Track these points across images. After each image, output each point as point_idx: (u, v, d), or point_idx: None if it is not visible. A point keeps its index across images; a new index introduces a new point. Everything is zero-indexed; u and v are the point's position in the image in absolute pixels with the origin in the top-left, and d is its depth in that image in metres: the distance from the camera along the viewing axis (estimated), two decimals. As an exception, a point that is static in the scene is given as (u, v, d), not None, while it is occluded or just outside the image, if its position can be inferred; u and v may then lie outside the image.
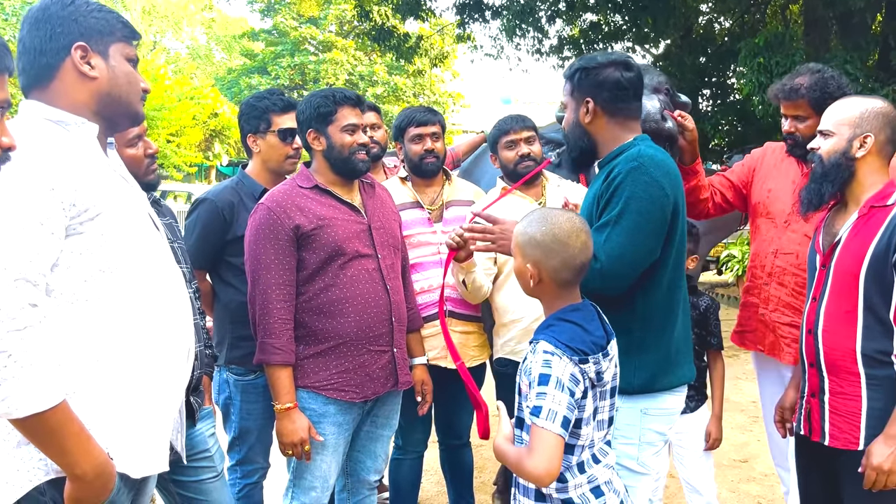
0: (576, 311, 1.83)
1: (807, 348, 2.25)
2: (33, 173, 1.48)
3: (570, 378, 1.71)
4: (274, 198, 2.48)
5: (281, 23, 31.20)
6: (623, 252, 2.01)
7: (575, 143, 2.25)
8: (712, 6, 12.53)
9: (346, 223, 2.49)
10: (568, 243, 1.81)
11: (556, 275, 1.83)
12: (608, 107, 2.16)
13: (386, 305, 2.52)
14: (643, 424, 2.08)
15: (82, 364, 1.55)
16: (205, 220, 2.79)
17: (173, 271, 1.79)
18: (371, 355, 2.50)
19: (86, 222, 1.55)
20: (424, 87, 30.89)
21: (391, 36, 11.71)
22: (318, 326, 2.44)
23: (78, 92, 1.66)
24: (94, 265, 1.56)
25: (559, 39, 12.72)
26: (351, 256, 2.46)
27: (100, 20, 1.69)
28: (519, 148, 3.03)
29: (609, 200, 2.05)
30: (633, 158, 2.05)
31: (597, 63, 2.18)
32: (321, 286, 2.44)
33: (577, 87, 2.20)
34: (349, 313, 2.45)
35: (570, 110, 2.24)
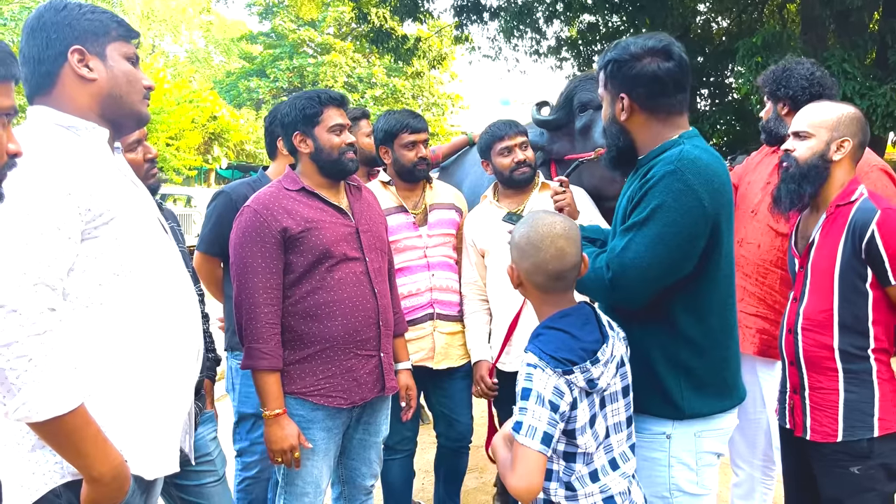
0: (565, 318, 1.80)
1: (787, 347, 2.31)
2: (50, 179, 1.50)
3: (554, 391, 1.69)
4: (260, 200, 2.44)
5: (279, 25, 31.26)
6: (639, 264, 1.83)
7: (612, 140, 2.03)
8: (710, 6, 12.56)
9: (333, 226, 2.46)
10: (540, 247, 1.78)
11: (529, 277, 1.82)
12: (646, 103, 1.93)
13: (373, 309, 2.49)
14: (699, 448, 1.93)
15: (97, 367, 1.58)
16: (220, 210, 2.97)
17: (182, 274, 1.82)
18: (358, 360, 2.46)
19: (100, 226, 1.58)
20: (423, 89, 30.94)
21: (389, 38, 11.73)
22: (304, 330, 2.40)
23: (80, 96, 1.68)
24: (108, 269, 1.59)
25: (557, 40, 12.75)
26: (338, 259, 2.43)
27: (93, 22, 1.70)
28: (514, 154, 3.00)
29: (637, 204, 1.86)
30: (671, 161, 1.84)
31: (630, 54, 1.91)
32: (308, 289, 2.40)
33: (610, 80, 1.96)
34: (336, 317, 2.41)
35: (606, 105, 2.02)
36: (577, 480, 1.78)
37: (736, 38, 10.44)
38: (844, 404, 2.14)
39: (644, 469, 1.95)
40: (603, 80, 1.99)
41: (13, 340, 1.38)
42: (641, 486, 1.93)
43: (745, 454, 3.07)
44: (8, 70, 1.20)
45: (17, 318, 1.39)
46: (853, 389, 2.14)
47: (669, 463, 1.92)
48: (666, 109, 1.94)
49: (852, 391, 2.14)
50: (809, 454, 2.24)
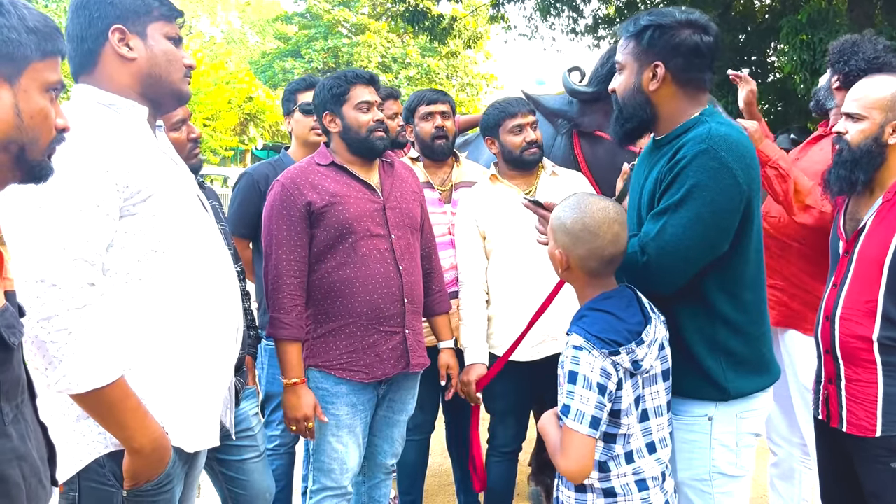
0: (608, 300, 1.81)
1: (823, 334, 2.21)
2: (89, 156, 1.52)
3: (601, 373, 1.70)
4: (289, 174, 2.49)
5: (314, 6, 31.21)
6: (677, 245, 1.79)
7: (633, 111, 1.95)
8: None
9: (358, 201, 2.48)
10: (598, 233, 1.77)
11: (582, 263, 1.81)
12: (680, 74, 1.88)
13: (397, 286, 2.50)
14: (739, 429, 1.94)
15: (137, 341, 1.60)
16: (244, 191, 3.10)
17: (222, 252, 1.83)
18: (381, 336, 2.48)
19: (138, 203, 1.59)
20: (457, 69, 30.73)
21: (425, 17, 11.66)
22: (328, 305, 2.45)
23: (120, 75, 1.69)
24: (146, 245, 1.61)
25: (594, 19, 12.55)
26: (361, 235, 2.45)
27: (136, 1, 1.70)
28: (526, 133, 2.91)
29: (669, 186, 1.83)
30: (701, 139, 1.80)
31: (674, 21, 1.86)
32: (332, 265, 2.44)
33: (646, 47, 1.88)
34: (359, 293, 2.44)
35: (629, 73, 1.94)
36: (612, 461, 1.78)
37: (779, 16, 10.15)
38: (884, 398, 2.05)
39: (683, 452, 1.94)
40: (633, 47, 1.92)
41: (53, 314, 1.41)
42: (678, 468, 1.92)
43: (784, 432, 3.00)
44: (55, 45, 1.21)
45: (58, 292, 1.42)
46: (894, 384, 2.04)
47: (711, 445, 1.90)
48: (696, 84, 1.92)
49: (893, 384, 2.04)
50: (847, 446, 2.16)
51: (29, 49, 1.16)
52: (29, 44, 1.16)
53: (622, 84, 1.98)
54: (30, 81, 1.17)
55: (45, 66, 1.20)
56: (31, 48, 1.16)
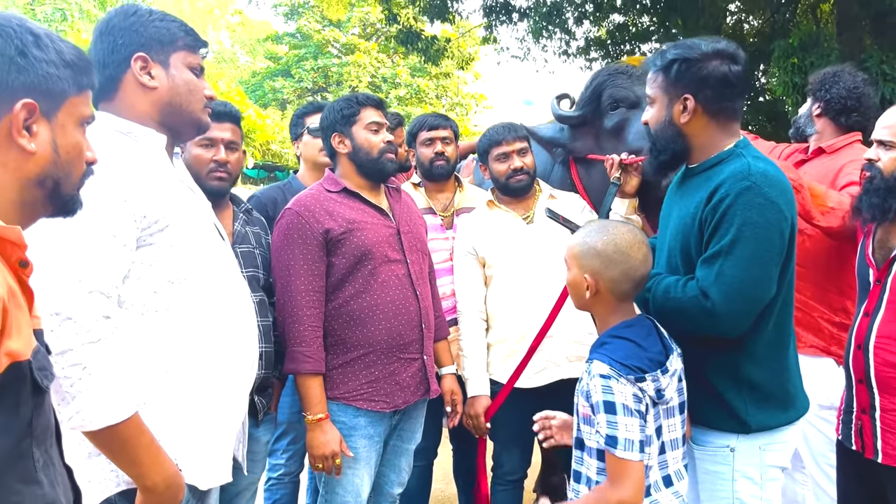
0: (629, 328, 1.79)
1: (855, 364, 2.18)
2: (106, 185, 1.49)
3: (634, 399, 1.68)
4: (302, 202, 2.44)
5: (304, 26, 31.36)
6: (742, 288, 1.77)
7: (666, 144, 1.95)
8: (741, 6, 12.39)
9: (375, 227, 2.45)
10: (629, 254, 1.78)
11: (614, 286, 1.79)
12: (711, 106, 1.88)
13: (416, 312, 2.47)
14: (763, 462, 1.90)
15: (152, 375, 1.56)
16: None
17: (238, 281, 1.80)
18: (401, 363, 2.45)
19: (156, 233, 1.56)
20: (447, 89, 30.90)
21: (419, 38, 11.72)
22: (347, 335, 2.39)
23: (140, 103, 1.68)
24: (163, 276, 1.57)
25: (586, 41, 12.65)
26: (380, 261, 2.42)
27: (160, 29, 1.69)
28: (511, 161, 2.89)
29: (717, 227, 1.80)
30: (742, 176, 1.79)
31: (701, 53, 1.87)
32: (351, 293, 2.39)
33: (674, 80, 1.89)
34: (379, 320, 2.40)
35: (660, 106, 1.94)
36: None
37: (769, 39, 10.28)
38: None
39: (706, 483, 1.91)
40: (662, 81, 1.93)
41: (68, 348, 1.37)
42: (702, 499, 1.90)
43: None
44: (90, 79, 1.19)
45: (72, 325, 1.38)
46: None
47: (733, 477, 1.88)
48: (728, 114, 1.92)
49: None
50: (881, 477, 2.12)
51: (66, 83, 1.15)
52: (66, 78, 1.14)
53: (653, 117, 1.98)
54: (66, 116, 1.16)
55: (80, 101, 1.18)
56: (69, 82, 1.15)
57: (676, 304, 1.83)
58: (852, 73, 3.00)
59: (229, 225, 2.42)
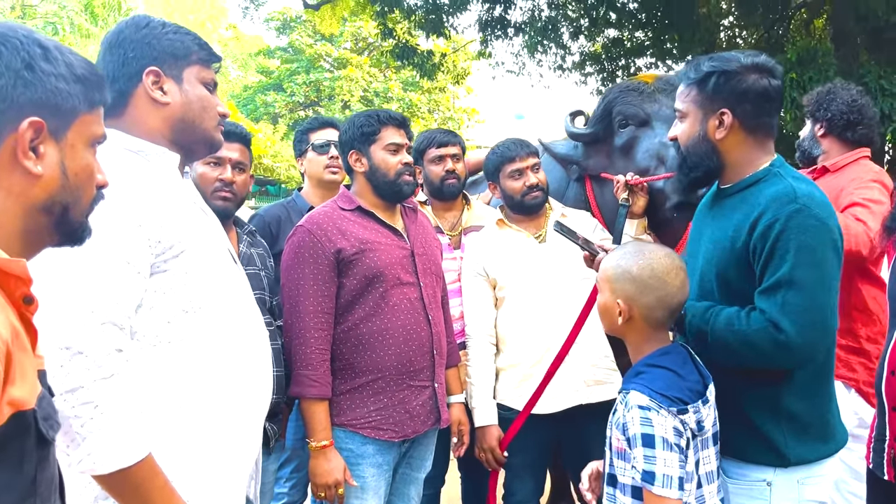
0: (666, 356, 1.70)
1: (889, 390, 2.08)
2: (119, 209, 1.40)
3: (674, 432, 1.59)
4: (314, 220, 2.35)
5: (296, 40, 31.39)
6: (813, 317, 1.68)
7: (699, 160, 1.85)
8: (734, 21, 12.44)
9: (388, 248, 2.36)
10: (666, 280, 1.69)
11: (649, 313, 1.71)
12: (749, 121, 1.79)
13: (427, 337, 2.38)
14: (802, 496, 1.81)
15: (165, 412, 1.46)
16: None
17: (252, 309, 1.70)
18: (412, 391, 2.35)
19: (170, 260, 1.47)
20: (439, 104, 30.95)
21: (414, 53, 11.70)
22: (355, 359, 2.30)
23: (151, 119, 1.58)
24: (177, 305, 1.48)
25: (581, 55, 12.66)
26: (392, 284, 2.33)
27: (174, 42, 1.60)
28: (526, 178, 2.79)
29: (771, 255, 1.70)
30: (789, 199, 1.70)
31: (740, 66, 1.78)
32: (361, 315, 2.30)
33: (711, 94, 1.80)
34: (390, 345, 2.31)
35: (693, 121, 1.85)
36: None
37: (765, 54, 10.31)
38: None
39: (741, 518, 1.82)
40: (696, 95, 1.84)
41: (79, 385, 1.28)
42: None
43: None
44: (102, 95, 1.09)
45: (84, 360, 1.28)
46: None
47: None
48: (765, 131, 1.84)
49: None
50: None
51: (77, 100, 1.04)
52: (77, 94, 1.04)
53: (685, 132, 1.89)
54: (76, 135, 1.06)
55: (91, 119, 1.08)
56: (80, 99, 1.05)
57: (743, 336, 1.73)
58: (846, 87, 2.98)
59: (234, 247, 2.34)
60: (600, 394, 2.72)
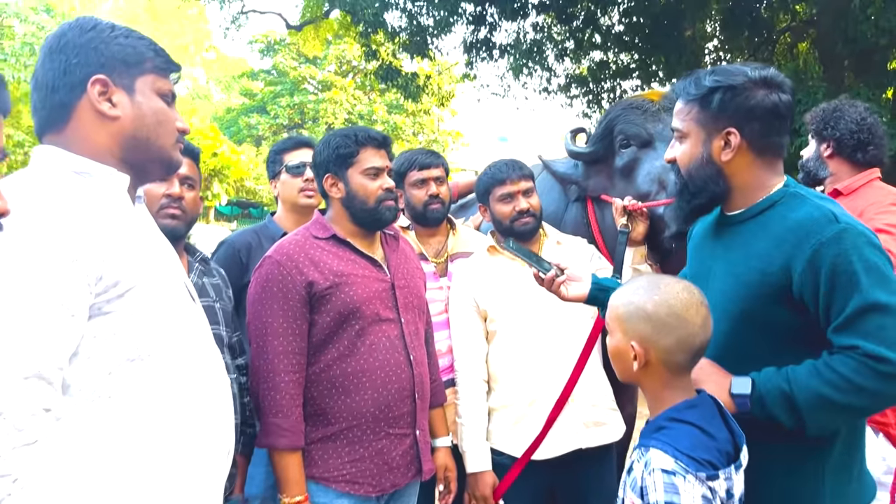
0: (692, 409, 1.49)
1: None
2: (52, 241, 1.18)
3: (703, 501, 1.37)
4: (284, 249, 2.13)
5: (280, 63, 31.38)
6: None
7: (703, 184, 1.68)
8: (718, 45, 12.44)
9: (366, 280, 2.15)
10: (686, 318, 1.48)
11: (668, 357, 1.49)
12: (757, 141, 1.63)
13: (409, 380, 2.16)
14: None
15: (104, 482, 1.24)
16: (222, 262, 2.66)
17: (212, 355, 1.48)
18: (391, 440, 2.13)
19: (113, 300, 1.25)
20: (424, 126, 30.94)
21: (398, 75, 11.56)
22: (329, 404, 2.08)
23: (98, 135, 1.37)
24: (121, 353, 1.26)
25: (567, 78, 12.59)
26: (370, 320, 2.12)
27: (125, 48, 1.39)
28: (517, 202, 2.58)
29: (833, 286, 1.50)
30: (828, 220, 1.53)
31: (747, 80, 1.62)
32: (335, 356, 2.09)
33: (715, 112, 1.64)
34: (366, 389, 2.09)
35: (695, 141, 1.69)
36: None
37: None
38: None
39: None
40: (698, 113, 1.67)
41: None
42: None
43: None
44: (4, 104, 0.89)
45: (2, 423, 1.06)
46: None
47: None
48: (775, 151, 1.66)
49: None
50: None
51: None
52: None
53: (686, 154, 1.72)
54: None
55: None
56: None
57: (844, 384, 1.49)
58: (853, 105, 2.82)
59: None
60: (600, 437, 2.51)
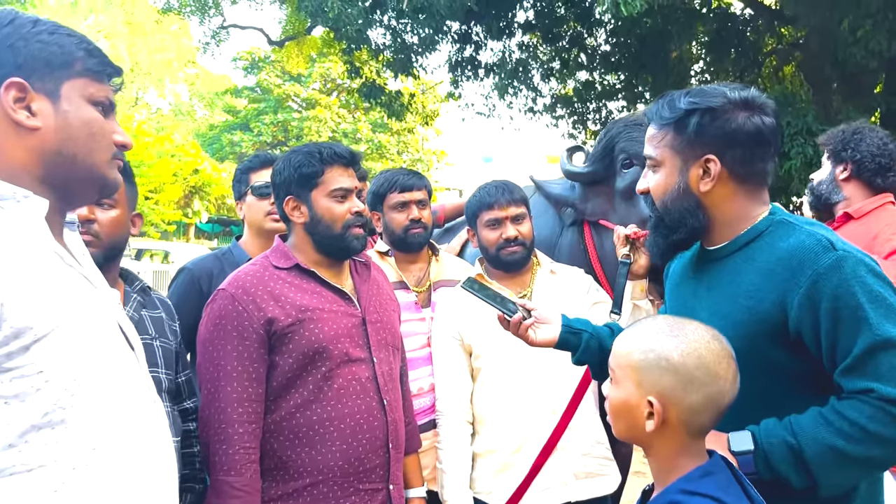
0: (708, 477, 1.26)
1: None
2: None
3: None
4: (239, 282, 1.89)
5: (264, 80, 31.26)
6: None
7: (680, 218, 1.54)
8: (704, 66, 12.42)
9: (334, 316, 1.92)
10: (718, 372, 1.26)
11: (692, 417, 1.27)
12: (739, 168, 1.48)
13: (382, 427, 1.92)
14: None
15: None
16: (181, 292, 2.47)
17: (151, 409, 1.25)
18: (360, 496, 1.89)
19: (17, 355, 1.02)
20: (408, 145, 30.86)
21: (382, 92, 11.38)
22: (291, 457, 1.85)
23: (13, 149, 1.14)
24: (27, 417, 1.03)
25: (552, 98, 12.49)
26: (339, 361, 1.88)
27: (49, 46, 1.16)
28: (504, 229, 2.38)
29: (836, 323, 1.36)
30: (824, 248, 1.39)
31: (726, 101, 1.48)
32: (298, 402, 1.85)
33: (692, 137, 1.49)
34: (334, 440, 1.85)
35: (669, 170, 1.54)
36: None
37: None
38: None
39: None
40: (671, 136, 1.52)
41: None
42: None
43: None
44: None
45: None
46: None
47: None
48: (758, 179, 1.51)
49: None
50: None
51: None
52: None
53: (660, 185, 1.56)
54: None
55: None
56: None
57: (858, 433, 1.32)
58: (872, 129, 2.70)
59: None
60: (592, 489, 2.28)
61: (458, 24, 10.53)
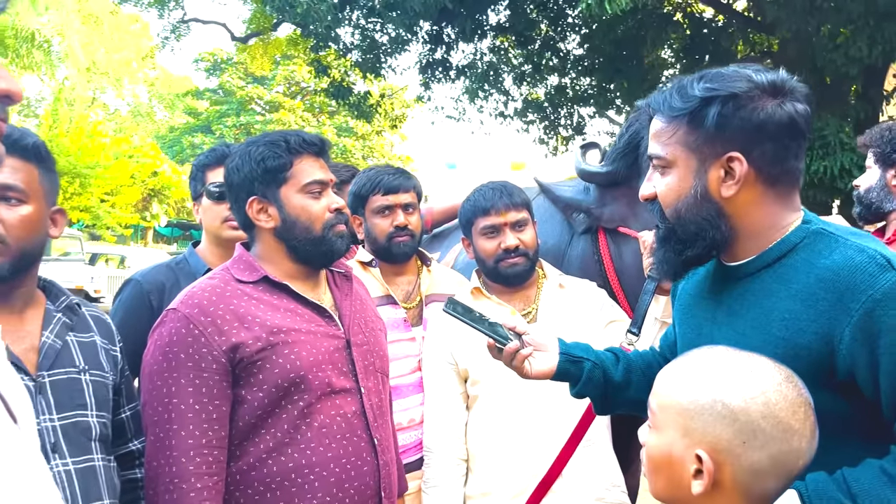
0: None
1: None
2: None
3: None
4: (194, 299, 1.53)
5: (227, 82, 30.79)
6: None
7: (698, 229, 1.27)
8: (677, 72, 12.36)
9: (312, 338, 1.58)
10: (792, 425, 0.98)
11: (753, 480, 0.99)
12: (770, 168, 1.23)
13: (373, 472, 1.59)
14: None
15: None
16: (126, 307, 2.11)
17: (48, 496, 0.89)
18: None
19: None
20: (374, 150, 30.63)
21: (350, 93, 11.06)
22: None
23: None
24: None
25: (524, 102, 12.31)
26: (319, 394, 1.54)
27: None
28: (503, 237, 2.09)
29: (893, 347, 1.11)
30: (881, 267, 1.15)
31: (752, 85, 1.21)
32: (270, 446, 1.51)
33: (712, 131, 1.22)
34: (315, 490, 1.51)
35: (683, 173, 1.28)
36: None
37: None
38: None
39: None
40: (684, 131, 1.25)
41: None
42: None
43: None
44: None
45: None
46: None
47: None
48: (790, 179, 1.26)
49: None
50: None
51: None
52: None
53: (672, 190, 1.29)
54: None
55: None
56: None
57: None
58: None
59: (35, 334, 1.43)
60: None
61: (430, 25, 10.29)
